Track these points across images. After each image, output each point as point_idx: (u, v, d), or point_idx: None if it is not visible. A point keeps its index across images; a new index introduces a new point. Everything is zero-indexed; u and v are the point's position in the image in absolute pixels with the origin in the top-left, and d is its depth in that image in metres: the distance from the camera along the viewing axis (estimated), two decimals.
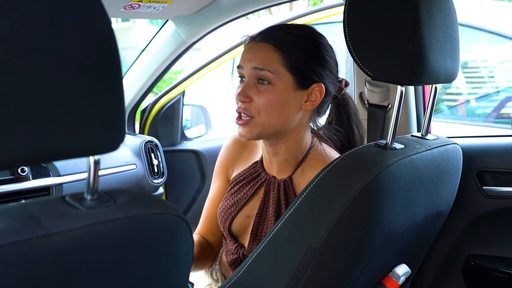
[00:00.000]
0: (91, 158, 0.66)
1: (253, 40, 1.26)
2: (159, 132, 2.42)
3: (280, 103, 1.22)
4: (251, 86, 1.23)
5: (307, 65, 1.22)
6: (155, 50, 2.06)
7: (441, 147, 1.18)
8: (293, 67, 1.21)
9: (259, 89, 1.22)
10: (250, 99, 1.23)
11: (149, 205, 0.70)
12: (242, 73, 1.26)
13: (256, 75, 1.22)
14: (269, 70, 1.21)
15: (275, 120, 1.23)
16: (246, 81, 1.24)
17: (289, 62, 1.21)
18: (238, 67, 1.27)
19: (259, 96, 1.22)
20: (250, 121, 1.24)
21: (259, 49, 1.23)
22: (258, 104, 1.22)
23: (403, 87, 1.07)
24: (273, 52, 1.21)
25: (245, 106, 1.23)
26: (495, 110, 3.48)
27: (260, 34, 1.26)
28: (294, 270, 1.02)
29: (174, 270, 0.76)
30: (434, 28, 1.03)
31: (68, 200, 0.66)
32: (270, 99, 1.21)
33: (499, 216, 1.47)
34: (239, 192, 1.37)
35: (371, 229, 1.02)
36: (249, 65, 1.23)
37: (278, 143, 1.28)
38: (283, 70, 1.21)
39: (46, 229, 0.59)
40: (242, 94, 1.23)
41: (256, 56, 1.23)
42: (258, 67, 1.21)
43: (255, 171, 1.36)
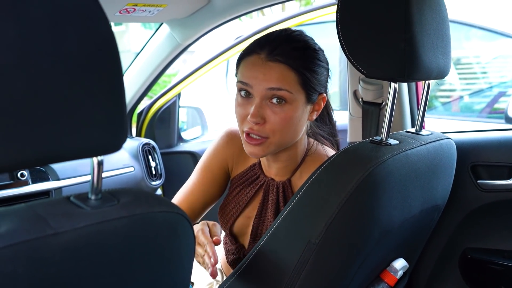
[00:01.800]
0: (94, 159, 0.67)
1: (257, 55, 1.19)
2: (156, 135, 2.43)
3: (295, 119, 1.20)
4: (264, 107, 1.18)
5: (317, 80, 1.21)
6: (150, 53, 2.08)
7: (435, 142, 1.20)
8: (307, 85, 1.19)
9: (273, 109, 1.18)
10: (264, 120, 1.18)
11: (152, 204, 0.72)
12: (250, 91, 1.20)
13: (271, 95, 1.17)
14: (287, 90, 1.16)
15: (288, 138, 1.22)
16: (258, 102, 1.18)
17: (303, 81, 1.18)
18: (243, 83, 1.20)
19: (274, 117, 1.18)
20: (264, 142, 1.20)
21: (273, 69, 1.17)
22: (273, 125, 1.18)
23: (396, 84, 1.09)
24: (288, 72, 1.17)
25: (258, 128, 1.18)
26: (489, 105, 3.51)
27: (263, 49, 1.19)
28: (294, 266, 1.04)
29: (176, 267, 0.78)
30: (425, 26, 1.05)
31: (73, 200, 0.67)
32: (287, 119, 1.18)
33: (494, 209, 1.49)
34: (240, 194, 1.38)
35: (368, 223, 1.04)
36: (262, 85, 1.17)
37: (280, 152, 1.29)
38: (299, 88, 1.18)
39: (53, 228, 0.60)
40: (257, 116, 1.17)
41: (270, 76, 1.17)
42: (276, 87, 1.16)
43: (254, 174, 1.38)
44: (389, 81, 1.09)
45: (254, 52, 1.20)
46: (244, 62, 1.22)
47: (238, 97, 1.23)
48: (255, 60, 1.19)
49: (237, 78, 1.24)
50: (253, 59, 1.20)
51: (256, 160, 1.39)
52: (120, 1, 1.51)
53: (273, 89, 1.16)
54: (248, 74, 1.19)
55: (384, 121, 1.11)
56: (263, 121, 1.18)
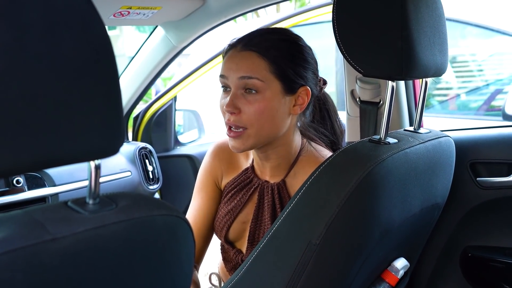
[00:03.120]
0: (91, 163, 0.66)
1: (234, 48, 1.23)
2: (153, 138, 2.42)
3: (271, 111, 1.20)
4: (239, 97, 1.20)
5: (293, 70, 1.21)
6: (145, 57, 2.07)
7: (434, 140, 1.20)
8: (280, 73, 1.19)
9: (247, 99, 1.19)
10: (239, 110, 1.19)
11: (151, 207, 0.71)
12: (226, 83, 1.22)
13: (243, 84, 1.19)
14: (258, 78, 1.18)
15: (267, 129, 1.22)
16: (233, 91, 1.20)
17: (275, 69, 1.19)
18: (221, 76, 1.23)
19: (248, 107, 1.19)
20: (243, 133, 1.21)
21: (244, 57, 1.20)
22: (248, 115, 1.19)
23: (394, 82, 1.08)
24: (259, 60, 1.19)
25: (234, 118, 1.20)
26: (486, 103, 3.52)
27: (240, 42, 1.23)
28: (294, 267, 1.03)
29: (176, 271, 0.77)
30: (422, 23, 1.05)
31: (70, 205, 0.66)
32: (260, 108, 1.19)
33: (494, 207, 1.49)
34: (232, 200, 1.37)
35: (368, 223, 1.04)
36: (234, 75, 1.19)
37: (269, 149, 1.28)
38: (271, 77, 1.19)
39: (51, 233, 0.60)
40: (231, 106, 1.19)
41: (242, 65, 1.19)
42: (246, 76, 1.18)
43: (247, 178, 1.36)
44: (386, 80, 1.09)
45: (232, 46, 1.24)
46: (224, 57, 1.26)
47: (221, 92, 1.26)
48: (232, 53, 1.23)
49: None
50: (230, 52, 1.24)
51: (248, 164, 1.38)
52: (114, 4, 1.51)
53: (244, 77, 1.19)
54: (225, 66, 1.23)
55: (383, 120, 1.11)
56: (238, 111, 1.20)
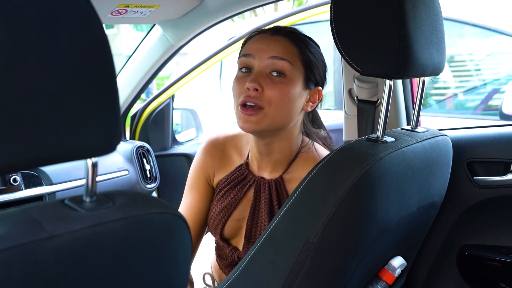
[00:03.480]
0: (88, 160, 0.66)
1: (262, 33, 1.25)
2: (150, 137, 2.42)
3: (292, 98, 1.21)
4: (264, 76, 1.20)
5: (316, 66, 1.25)
6: (143, 55, 2.07)
7: (431, 139, 1.20)
8: (307, 64, 1.23)
9: (272, 80, 1.20)
10: (262, 89, 1.19)
11: (148, 205, 0.71)
12: (251, 64, 1.23)
13: (271, 65, 1.20)
14: (289, 60, 1.20)
15: (283, 115, 1.22)
16: (258, 70, 1.21)
17: (303, 57, 1.22)
18: (245, 55, 1.24)
19: (273, 87, 1.19)
20: (259, 112, 1.20)
21: (277, 40, 1.22)
22: (270, 95, 1.19)
23: (391, 81, 1.09)
24: (291, 45, 1.22)
25: (256, 94, 1.19)
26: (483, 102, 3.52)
27: (270, 30, 1.26)
28: (292, 266, 1.03)
29: (173, 270, 0.77)
30: (419, 22, 1.05)
31: (67, 203, 0.66)
32: (284, 91, 1.20)
33: (490, 205, 1.49)
34: (226, 197, 1.36)
35: (366, 221, 1.04)
36: (265, 55, 1.21)
37: (273, 142, 1.28)
38: (299, 64, 1.22)
39: (48, 231, 0.59)
40: (255, 81, 1.19)
41: (274, 46, 1.21)
42: (278, 56, 1.20)
43: (241, 174, 1.35)
44: (384, 79, 1.09)
45: (260, 32, 1.26)
46: (249, 41, 1.27)
47: (239, 73, 1.25)
48: (261, 36, 1.25)
49: (240, 55, 1.27)
50: (259, 36, 1.25)
51: (242, 161, 1.38)
52: (112, 2, 1.51)
53: (275, 57, 1.20)
54: (253, 46, 1.24)
55: (380, 118, 1.11)
56: (261, 88, 1.19)
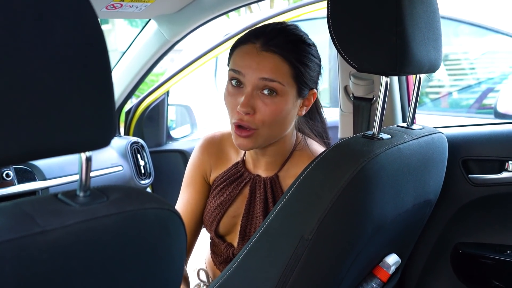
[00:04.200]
0: (82, 154, 0.65)
1: (251, 44, 1.19)
2: (145, 133, 2.40)
3: (285, 113, 1.19)
4: (255, 97, 1.17)
5: (309, 75, 1.21)
6: (138, 50, 2.05)
7: (427, 136, 1.20)
8: (298, 78, 1.19)
9: (263, 100, 1.17)
10: (254, 111, 1.17)
11: (143, 201, 0.70)
12: (241, 80, 1.19)
13: (262, 85, 1.16)
14: (280, 82, 1.16)
15: (277, 130, 1.21)
16: (249, 91, 1.17)
17: (295, 74, 1.18)
18: (235, 72, 1.19)
19: (265, 108, 1.17)
20: (253, 133, 1.19)
21: (266, 58, 1.16)
22: (263, 116, 1.17)
23: (388, 78, 1.08)
24: (282, 64, 1.16)
25: (248, 118, 1.17)
26: (477, 101, 3.53)
27: (259, 39, 1.18)
28: (287, 263, 1.03)
29: (168, 265, 0.76)
30: (416, 19, 1.05)
31: (61, 197, 0.65)
32: (277, 111, 1.17)
33: (485, 204, 1.49)
34: (222, 194, 1.36)
35: (361, 218, 1.03)
36: (255, 75, 1.16)
37: (269, 146, 1.27)
38: (291, 81, 1.18)
39: (41, 226, 0.59)
40: (247, 106, 1.16)
41: (264, 65, 1.16)
42: (268, 78, 1.15)
43: (237, 172, 1.35)
44: (380, 75, 1.09)
45: (249, 41, 1.20)
46: (238, 51, 1.21)
47: (229, 86, 1.22)
48: (250, 49, 1.18)
49: (229, 66, 1.22)
50: (248, 48, 1.19)
51: (238, 158, 1.37)
52: None
53: (266, 79, 1.16)
54: (242, 63, 1.19)
55: (376, 115, 1.10)
56: (253, 111, 1.17)
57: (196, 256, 1.57)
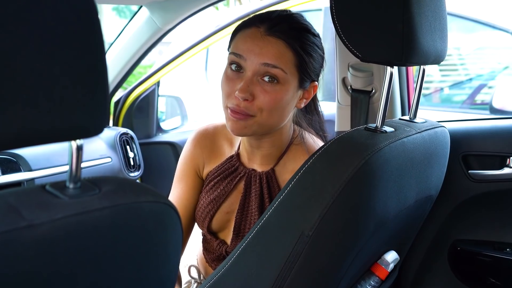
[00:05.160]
0: (73, 142, 0.60)
1: (256, 28, 1.14)
2: (134, 124, 2.35)
3: (284, 103, 1.14)
4: (254, 83, 1.12)
5: (313, 66, 1.16)
6: (128, 38, 1.99)
7: (430, 130, 1.16)
8: (302, 68, 1.14)
9: (263, 87, 1.12)
10: (252, 97, 1.12)
11: (137, 193, 0.66)
12: (242, 64, 1.14)
13: (264, 71, 1.12)
14: (283, 69, 1.11)
15: (273, 120, 1.16)
16: (249, 76, 1.12)
17: (298, 62, 1.13)
18: (236, 55, 1.14)
19: (264, 95, 1.12)
20: (247, 118, 1.14)
21: (270, 44, 1.12)
22: (261, 104, 1.12)
23: (393, 68, 1.04)
24: (286, 50, 1.12)
25: (246, 104, 1.12)
26: (471, 96, 3.53)
27: (264, 23, 1.14)
28: (285, 260, 0.98)
29: (163, 261, 0.72)
30: (423, 7, 1.01)
31: (49, 189, 0.60)
32: (276, 99, 1.12)
33: (485, 200, 1.47)
34: (215, 189, 1.31)
35: (364, 214, 0.99)
36: (257, 60, 1.11)
37: (265, 138, 1.23)
38: (293, 70, 1.13)
39: (27, 220, 0.54)
40: (246, 91, 1.11)
41: (267, 51, 1.11)
42: (271, 64, 1.11)
43: (232, 166, 1.30)
44: (383, 66, 1.05)
45: (253, 25, 1.15)
46: (241, 34, 1.17)
47: (228, 70, 1.17)
48: (254, 32, 1.14)
49: (230, 50, 1.18)
50: (252, 31, 1.14)
51: (232, 152, 1.33)
52: None
53: (268, 65, 1.11)
54: (244, 46, 1.14)
55: (380, 107, 1.06)
56: (252, 97, 1.12)
57: (187, 252, 1.53)
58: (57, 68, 0.55)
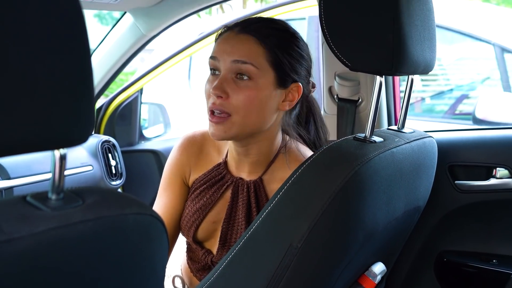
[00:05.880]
0: (56, 152, 0.58)
1: (230, 30, 1.17)
2: (116, 132, 2.32)
3: (260, 101, 1.13)
4: (229, 81, 1.13)
5: (289, 63, 1.15)
6: (111, 45, 1.97)
7: (419, 140, 1.16)
8: (276, 63, 1.14)
9: (238, 85, 1.13)
10: (227, 95, 1.12)
11: (122, 205, 0.63)
12: (217, 66, 1.16)
13: (236, 69, 1.13)
14: (253, 64, 1.12)
15: (253, 120, 1.15)
16: (223, 74, 1.14)
17: (272, 58, 1.13)
18: (212, 58, 1.16)
19: (238, 93, 1.12)
20: (226, 120, 1.13)
21: (241, 41, 1.14)
22: (236, 101, 1.12)
23: (382, 77, 1.03)
24: (256, 45, 1.13)
25: (220, 101, 1.13)
26: (452, 107, 3.56)
27: (239, 25, 1.17)
28: (273, 272, 0.96)
29: (149, 274, 0.69)
30: (413, 16, 1.00)
31: (29, 200, 0.58)
32: (250, 97, 1.12)
33: (471, 211, 1.47)
34: (201, 198, 1.28)
35: (353, 226, 0.98)
36: (228, 58, 1.13)
37: (250, 143, 1.21)
38: (266, 65, 1.13)
39: (6, 233, 0.51)
40: (219, 89, 1.12)
41: (238, 48, 1.13)
42: (241, 60, 1.12)
43: (219, 174, 1.28)
44: (371, 75, 1.04)
45: (229, 28, 1.18)
46: (218, 39, 1.19)
47: (209, 75, 1.19)
48: (228, 35, 1.17)
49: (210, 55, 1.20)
50: (227, 34, 1.18)
51: (220, 159, 1.30)
52: None
53: (238, 61, 1.13)
54: (218, 48, 1.17)
55: (369, 117, 1.05)
56: (226, 95, 1.13)
57: (171, 262, 1.50)
58: (40, 73, 0.53)
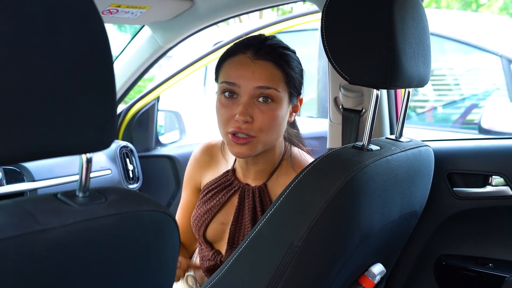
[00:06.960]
0: (83, 156, 0.67)
1: (243, 54, 1.21)
2: (134, 138, 2.41)
3: (280, 119, 1.23)
4: (252, 105, 1.20)
5: (298, 81, 1.25)
6: (130, 56, 2.07)
7: (415, 149, 1.23)
8: (290, 84, 1.23)
9: (260, 108, 1.20)
10: (252, 119, 1.19)
11: (139, 202, 0.72)
12: (235, 91, 1.21)
13: (259, 94, 1.19)
14: (275, 88, 1.19)
15: (274, 137, 1.24)
16: (245, 100, 1.19)
17: (286, 78, 1.22)
18: (229, 83, 1.21)
19: (262, 116, 1.19)
20: (251, 140, 1.21)
21: (261, 67, 1.20)
22: (261, 124, 1.19)
23: (378, 90, 1.11)
24: (275, 70, 1.20)
25: (247, 126, 1.19)
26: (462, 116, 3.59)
27: (249, 49, 1.21)
28: (275, 269, 1.04)
29: (161, 268, 0.77)
30: (407, 35, 1.08)
31: (60, 197, 0.67)
32: (273, 117, 1.20)
33: (469, 217, 1.52)
34: (211, 200, 1.38)
35: (349, 227, 1.06)
36: (250, 84, 1.19)
37: (260, 154, 1.29)
38: (284, 86, 1.22)
39: (41, 224, 0.60)
40: (245, 114, 1.18)
41: (259, 74, 1.19)
42: (264, 86, 1.18)
43: (227, 180, 1.37)
44: (371, 88, 1.12)
45: (239, 51, 1.22)
46: (229, 62, 1.23)
47: (222, 98, 1.23)
48: (242, 59, 1.21)
49: (221, 79, 1.24)
50: (240, 58, 1.22)
51: (229, 167, 1.40)
52: (103, 2, 1.51)
53: (262, 87, 1.19)
54: (235, 73, 1.21)
55: (366, 127, 1.13)
56: (251, 119, 1.19)
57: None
58: (72, 89, 0.61)
